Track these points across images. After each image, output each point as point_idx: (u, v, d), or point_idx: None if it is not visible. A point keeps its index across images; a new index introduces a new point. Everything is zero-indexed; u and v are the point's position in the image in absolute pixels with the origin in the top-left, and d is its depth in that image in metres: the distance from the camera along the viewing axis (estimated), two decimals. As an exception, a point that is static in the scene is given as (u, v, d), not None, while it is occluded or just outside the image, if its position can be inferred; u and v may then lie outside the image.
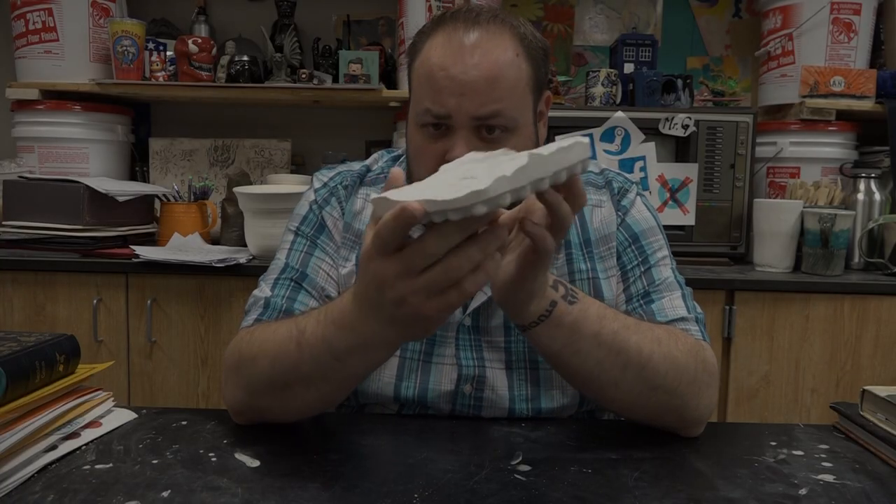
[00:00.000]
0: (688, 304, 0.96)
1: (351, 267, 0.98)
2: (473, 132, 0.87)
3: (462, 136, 0.86)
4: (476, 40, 0.86)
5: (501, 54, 0.86)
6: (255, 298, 0.97)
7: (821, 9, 2.01)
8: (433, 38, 0.89)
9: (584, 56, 2.46)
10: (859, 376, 1.75)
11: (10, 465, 0.69)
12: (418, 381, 0.94)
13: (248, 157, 2.30)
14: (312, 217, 1.01)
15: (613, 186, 1.01)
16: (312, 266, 0.97)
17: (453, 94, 0.85)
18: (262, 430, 0.85)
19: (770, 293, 1.75)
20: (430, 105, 0.87)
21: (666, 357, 0.82)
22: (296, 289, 0.96)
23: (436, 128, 0.88)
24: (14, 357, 0.72)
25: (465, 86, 0.85)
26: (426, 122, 0.88)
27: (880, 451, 0.82)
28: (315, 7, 2.41)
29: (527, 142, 0.90)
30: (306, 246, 0.99)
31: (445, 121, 0.87)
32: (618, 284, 0.98)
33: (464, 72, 0.85)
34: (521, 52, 0.88)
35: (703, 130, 1.91)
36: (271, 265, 1.00)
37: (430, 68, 0.87)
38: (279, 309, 0.94)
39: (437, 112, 0.87)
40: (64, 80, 2.08)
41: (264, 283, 0.98)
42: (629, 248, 0.98)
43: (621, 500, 0.69)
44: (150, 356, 1.80)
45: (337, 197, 1.01)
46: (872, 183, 1.95)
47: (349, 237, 0.99)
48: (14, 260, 1.78)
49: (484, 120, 0.86)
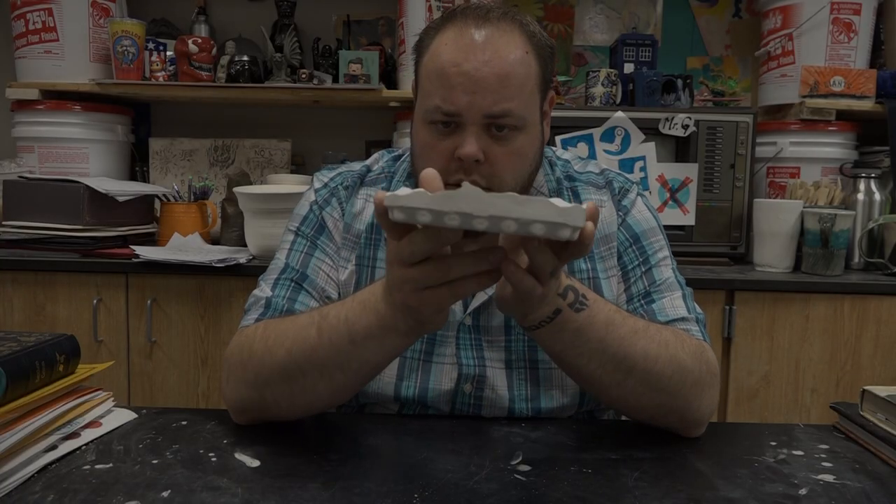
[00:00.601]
0: (688, 304, 0.96)
1: (351, 268, 0.98)
2: (483, 129, 0.86)
3: (472, 133, 0.86)
4: (487, 37, 0.86)
5: (512, 52, 0.86)
6: (255, 298, 0.97)
7: (821, 9, 2.01)
8: (442, 34, 0.88)
9: (584, 56, 2.46)
10: (859, 376, 1.75)
11: (10, 465, 0.70)
12: (418, 380, 0.94)
13: (248, 157, 2.30)
14: (313, 217, 1.00)
15: (614, 186, 1.01)
16: (312, 267, 0.97)
17: (465, 91, 0.84)
18: (262, 430, 0.85)
19: (770, 293, 1.75)
20: (441, 102, 0.86)
21: (672, 360, 0.82)
22: (296, 289, 0.96)
23: (445, 125, 0.87)
24: (14, 357, 0.72)
25: (477, 83, 0.84)
26: (435, 119, 0.87)
27: (880, 451, 0.82)
28: (315, 7, 2.41)
29: (534, 140, 0.91)
30: (306, 247, 0.99)
31: (455, 118, 0.86)
32: (619, 284, 0.98)
33: (476, 69, 0.84)
34: (530, 50, 0.88)
35: (703, 130, 1.91)
36: (271, 265, 1.00)
37: (440, 64, 0.86)
38: (280, 309, 0.94)
39: (447, 109, 0.86)
40: (64, 80, 2.08)
41: (264, 283, 0.98)
42: (630, 249, 0.98)
43: (621, 500, 0.69)
44: (150, 356, 1.80)
45: (337, 198, 1.01)
46: (872, 183, 1.95)
47: (350, 238, 0.99)
48: (14, 260, 1.78)
49: (495, 118, 0.85)
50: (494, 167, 0.87)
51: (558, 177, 1.01)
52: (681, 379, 0.83)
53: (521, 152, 0.89)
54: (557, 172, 1.01)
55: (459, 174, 0.86)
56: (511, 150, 0.87)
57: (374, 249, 0.98)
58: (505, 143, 0.87)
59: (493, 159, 0.86)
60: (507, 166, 0.87)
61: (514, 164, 0.88)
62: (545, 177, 1.00)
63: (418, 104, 0.92)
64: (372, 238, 0.98)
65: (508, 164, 0.87)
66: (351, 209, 1.00)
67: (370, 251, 0.98)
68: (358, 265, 0.98)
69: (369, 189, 1.02)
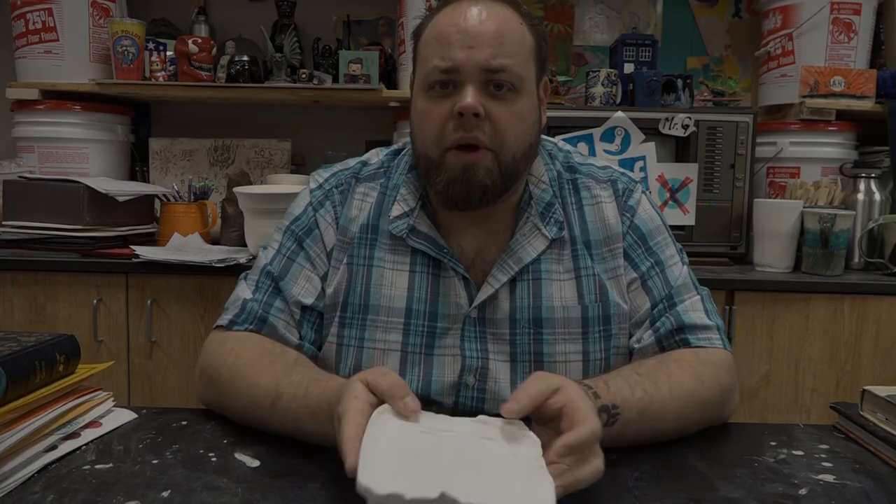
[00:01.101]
0: (707, 307, 0.98)
1: (343, 267, 0.98)
2: (482, 86, 0.87)
3: (470, 89, 0.86)
4: (483, 7, 0.89)
5: (509, 18, 0.89)
6: (235, 297, 1.00)
7: (821, 9, 2.01)
8: (439, 13, 0.91)
9: (584, 56, 2.46)
10: (859, 376, 1.75)
11: (10, 465, 0.69)
12: (421, 373, 0.95)
13: (248, 157, 2.30)
14: (306, 219, 1.01)
15: (618, 187, 1.01)
16: (292, 273, 0.98)
17: (463, 46, 0.86)
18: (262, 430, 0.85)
19: (770, 293, 1.75)
20: (439, 61, 0.87)
21: (698, 405, 0.87)
22: (274, 294, 0.98)
23: (443, 86, 0.88)
24: (14, 357, 0.72)
25: (475, 38, 0.86)
26: (434, 80, 0.88)
27: (880, 451, 0.82)
28: (315, 7, 2.41)
29: (532, 109, 0.91)
30: (290, 250, 1.00)
31: (454, 75, 0.87)
32: (630, 285, 0.98)
33: (473, 26, 0.87)
34: (524, 23, 0.91)
35: (703, 130, 1.90)
36: (257, 261, 1.02)
37: (439, 28, 0.89)
38: (255, 314, 0.96)
39: (445, 66, 0.87)
40: (64, 80, 2.08)
41: (245, 283, 1.01)
42: (641, 251, 0.99)
43: (621, 500, 0.69)
44: (150, 356, 1.80)
45: (332, 201, 1.01)
46: (872, 183, 1.95)
47: (344, 240, 0.99)
48: (14, 260, 1.78)
49: (493, 73, 0.87)
50: (496, 125, 0.88)
51: (559, 169, 1.01)
52: (707, 416, 0.89)
53: (522, 115, 0.90)
54: (558, 165, 1.01)
55: (460, 132, 0.87)
56: (512, 111, 0.88)
57: (368, 248, 0.98)
58: (505, 102, 0.88)
59: (494, 117, 0.87)
60: (510, 126, 0.88)
61: (516, 126, 0.89)
62: (546, 167, 1.00)
63: (417, 77, 0.94)
64: (367, 238, 0.98)
65: (510, 124, 0.88)
66: (346, 213, 1.00)
67: (365, 250, 0.98)
68: (349, 264, 0.98)
69: (365, 185, 1.01)
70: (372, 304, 0.96)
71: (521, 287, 0.96)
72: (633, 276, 0.98)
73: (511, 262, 0.95)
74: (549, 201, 0.97)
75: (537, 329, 0.95)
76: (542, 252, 0.96)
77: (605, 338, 0.97)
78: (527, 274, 0.96)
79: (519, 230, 0.96)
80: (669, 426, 0.84)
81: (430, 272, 0.96)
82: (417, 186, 0.98)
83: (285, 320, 0.97)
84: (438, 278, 0.96)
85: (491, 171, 0.88)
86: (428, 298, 0.96)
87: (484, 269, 0.96)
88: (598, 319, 0.96)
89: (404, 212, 0.97)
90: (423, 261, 0.96)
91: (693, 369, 0.89)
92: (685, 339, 0.94)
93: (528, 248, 0.96)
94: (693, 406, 0.86)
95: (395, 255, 0.97)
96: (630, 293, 0.98)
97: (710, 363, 0.92)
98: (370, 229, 0.98)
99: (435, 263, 0.96)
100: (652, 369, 0.87)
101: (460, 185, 0.89)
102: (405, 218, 0.97)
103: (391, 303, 0.96)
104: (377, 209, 0.99)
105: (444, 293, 0.95)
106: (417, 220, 0.96)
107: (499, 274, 0.95)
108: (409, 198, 0.98)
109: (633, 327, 0.98)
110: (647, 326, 0.97)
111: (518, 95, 0.89)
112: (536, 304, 0.95)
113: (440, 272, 0.96)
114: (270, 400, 0.82)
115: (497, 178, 0.89)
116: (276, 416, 0.81)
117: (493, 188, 0.89)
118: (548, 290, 0.96)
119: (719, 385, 0.90)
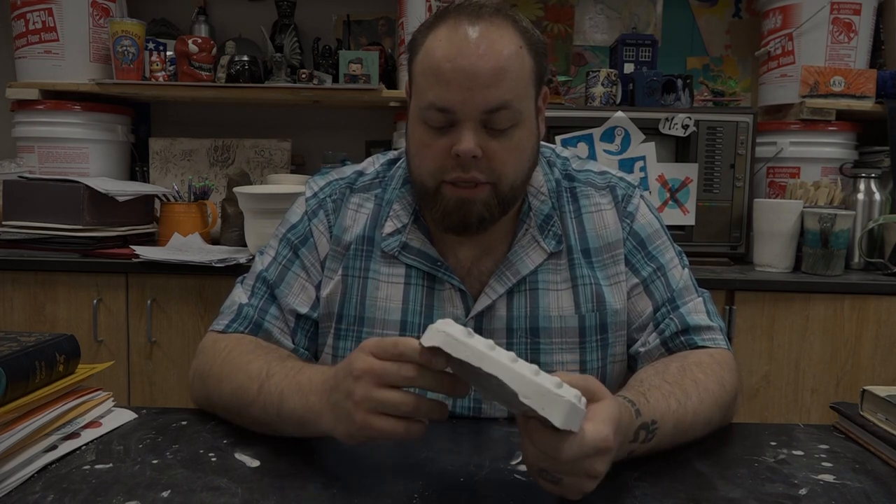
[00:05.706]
0: (709, 308, 0.99)
1: (337, 278, 0.98)
2: (479, 125, 0.85)
3: (468, 129, 0.84)
4: (481, 32, 0.85)
5: (507, 46, 0.85)
6: (230, 301, 0.99)
7: (821, 9, 2.01)
8: (435, 31, 0.87)
9: (584, 56, 2.46)
10: (859, 376, 1.75)
11: (10, 465, 0.70)
12: None
13: (248, 157, 2.30)
14: (301, 227, 1.00)
15: (617, 193, 1.00)
16: (287, 281, 0.98)
17: (461, 86, 0.83)
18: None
19: (770, 293, 1.75)
20: (435, 99, 0.85)
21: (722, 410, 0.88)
22: (269, 300, 0.98)
23: (440, 122, 0.86)
24: (14, 357, 0.72)
25: (472, 79, 0.83)
26: (431, 116, 0.86)
27: (880, 451, 0.82)
28: (315, 7, 2.41)
29: (530, 135, 0.90)
30: (287, 258, 0.99)
31: (451, 115, 0.85)
32: (632, 291, 0.98)
33: (471, 64, 0.83)
34: (524, 45, 0.87)
35: (703, 130, 1.91)
36: (253, 266, 1.02)
37: (435, 61, 0.85)
38: (251, 320, 0.96)
39: (442, 105, 0.84)
40: (64, 80, 2.08)
41: (241, 288, 1.00)
42: (641, 257, 0.98)
43: (621, 500, 0.69)
44: (150, 356, 1.80)
45: (325, 210, 1.00)
46: (872, 183, 1.95)
47: (337, 249, 0.99)
48: (14, 260, 1.78)
49: (491, 113, 0.85)
50: (493, 162, 0.86)
51: (557, 177, 1.00)
52: (725, 420, 0.90)
53: (520, 147, 0.88)
54: (557, 173, 1.01)
55: (457, 171, 0.86)
56: (509, 146, 0.87)
57: (364, 260, 0.97)
58: (502, 138, 0.86)
59: (491, 154, 0.86)
60: (508, 161, 0.87)
61: (513, 159, 0.88)
62: (544, 176, 0.99)
63: (412, 103, 0.91)
64: (362, 249, 0.98)
65: (508, 159, 0.87)
66: (340, 222, 0.99)
67: (360, 262, 0.97)
68: (345, 276, 0.97)
69: (359, 196, 1.01)
70: (367, 317, 0.96)
71: (518, 297, 0.95)
72: (634, 281, 0.98)
73: (509, 273, 0.95)
74: (548, 213, 0.97)
75: (534, 339, 0.95)
76: (539, 264, 0.96)
77: (601, 347, 0.96)
78: (524, 284, 0.96)
79: (517, 242, 0.96)
80: (697, 433, 0.84)
81: (425, 284, 0.96)
82: (411, 202, 0.97)
83: (280, 327, 0.97)
84: (433, 290, 0.96)
85: (488, 203, 0.88)
86: (423, 311, 0.95)
87: (481, 279, 0.96)
88: (595, 329, 0.96)
89: (396, 228, 0.96)
90: (419, 273, 0.96)
91: (715, 374, 0.88)
92: (691, 339, 0.95)
93: (525, 261, 0.95)
94: (718, 412, 0.86)
95: (391, 267, 0.97)
96: (632, 298, 0.98)
97: (725, 366, 0.92)
98: (366, 241, 0.98)
99: (430, 276, 0.96)
100: (678, 375, 0.86)
101: (456, 216, 0.88)
102: (397, 235, 0.96)
103: (386, 315, 0.96)
104: (373, 221, 0.98)
105: (439, 305, 0.95)
106: (410, 236, 0.96)
107: (496, 285, 0.95)
108: (402, 213, 0.97)
109: (635, 332, 0.98)
110: (651, 329, 0.97)
111: (516, 127, 0.87)
112: (534, 314, 0.95)
113: (435, 285, 0.96)
114: (259, 382, 0.81)
115: (495, 208, 0.89)
116: (261, 398, 0.80)
117: (490, 218, 0.89)
118: (545, 300, 0.95)
119: (734, 387, 0.91)
